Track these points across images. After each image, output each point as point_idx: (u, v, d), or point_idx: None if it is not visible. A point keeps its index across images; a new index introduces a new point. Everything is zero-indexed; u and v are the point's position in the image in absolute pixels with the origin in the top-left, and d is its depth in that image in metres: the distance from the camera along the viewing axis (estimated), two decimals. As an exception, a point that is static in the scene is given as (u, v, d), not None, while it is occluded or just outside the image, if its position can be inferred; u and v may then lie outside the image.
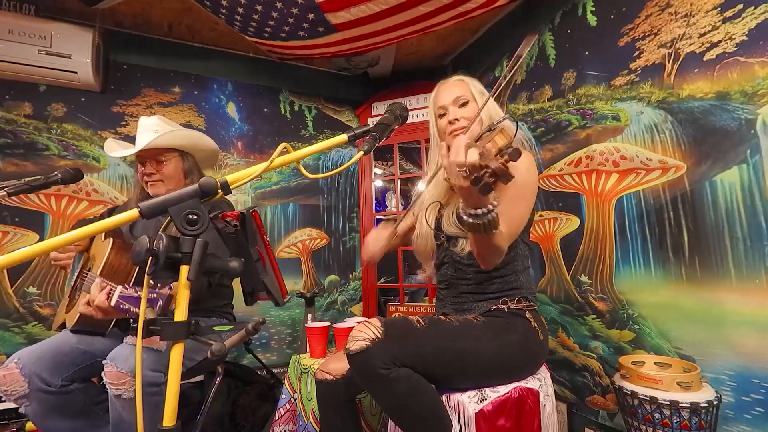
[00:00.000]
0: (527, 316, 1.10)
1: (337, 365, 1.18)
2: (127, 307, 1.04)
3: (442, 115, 1.21)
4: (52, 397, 1.19)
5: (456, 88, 1.21)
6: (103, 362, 1.13)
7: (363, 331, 0.95)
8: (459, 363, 0.98)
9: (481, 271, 1.13)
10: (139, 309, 1.00)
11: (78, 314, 1.24)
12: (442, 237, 1.20)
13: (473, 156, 0.75)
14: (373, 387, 0.95)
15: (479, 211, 0.83)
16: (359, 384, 1.13)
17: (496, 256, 0.98)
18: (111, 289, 1.07)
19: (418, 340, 0.96)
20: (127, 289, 1.04)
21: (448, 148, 0.83)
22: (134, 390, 1.09)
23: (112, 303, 1.04)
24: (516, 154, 0.70)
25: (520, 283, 1.15)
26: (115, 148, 1.50)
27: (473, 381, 1.02)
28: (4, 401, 1.18)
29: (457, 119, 1.17)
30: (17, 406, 1.18)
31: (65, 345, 1.27)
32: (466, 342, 0.99)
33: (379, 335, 0.93)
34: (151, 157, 1.42)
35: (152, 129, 1.44)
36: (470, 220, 0.84)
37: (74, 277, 1.45)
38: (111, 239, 1.30)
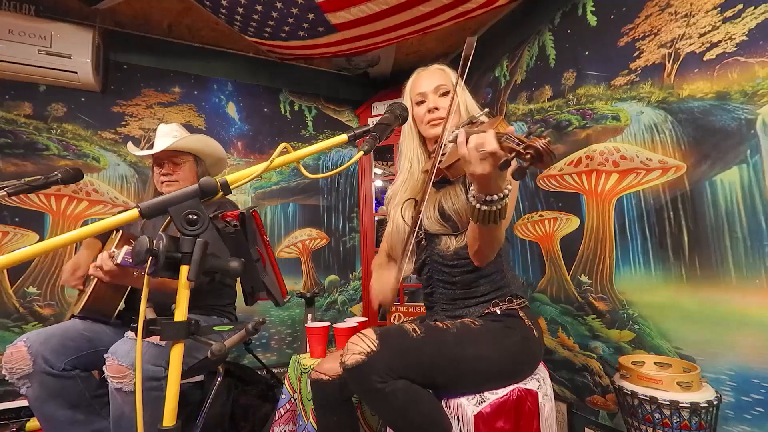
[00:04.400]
0: (521, 314, 1.08)
1: (332, 365, 1.16)
2: (131, 260, 1.07)
3: (420, 103, 1.17)
4: (54, 380, 1.22)
5: (437, 75, 1.17)
6: (105, 356, 1.15)
7: (358, 344, 0.93)
8: (458, 371, 0.97)
9: (466, 272, 1.11)
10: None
11: (84, 301, 1.29)
12: (421, 235, 1.16)
13: (508, 141, 0.73)
14: (370, 400, 0.94)
15: (495, 197, 0.83)
16: (357, 395, 1.12)
17: (496, 248, 0.98)
18: (116, 251, 1.13)
19: (415, 351, 0.94)
20: (132, 246, 1.08)
21: (454, 139, 0.82)
22: (135, 384, 1.10)
23: (118, 261, 1.10)
24: (551, 139, 0.69)
25: (507, 281, 1.13)
26: (137, 149, 1.61)
27: (474, 386, 1.01)
28: (8, 380, 1.21)
29: (437, 108, 1.13)
30: (19, 387, 1.21)
31: (72, 330, 1.31)
32: (465, 350, 0.97)
33: (374, 348, 0.91)
34: (168, 158, 1.52)
35: (171, 134, 1.55)
36: (485, 207, 0.84)
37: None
38: (121, 232, 1.39)
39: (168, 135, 1.54)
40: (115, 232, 1.47)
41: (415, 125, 1.21)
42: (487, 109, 1.04)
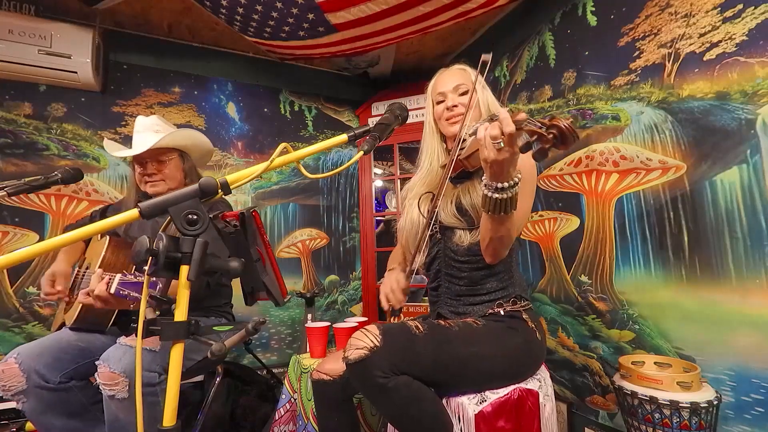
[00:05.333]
0: (524, 317, 1.09)
1: (334, 366, 1.17)
2: (126, 292, 1.03)
3: (440, 102, 1.21)
4: (50, 394, 1.19)
5: (457, 75, 1.21)
6: (96, 363, 1.13)
7: (361, 339, 0.93)
8: (460, 369, 0.97)
9: (475, 269, 1.12)
10: (139, 294, 1.00)
11: (77, 311, 1.24)
12: (435, 228, 1.17)
13: (529, 124, 0.76)
14: (372, 396, 0.94)
15: (506, 183, 0.85)
16: (358, 391, 1.12)
17: (507, 244, 0.99)
18: (110, 278, 1.07)
19: (417, 348, 0.95)
20: (126, 275, 1.04)
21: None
22: (127, 390, 1.09)
23: (112, 290, 1.03)
24: (574, 121, 0.72)
25: (513, 280, 1.14)
26: (116, 148, 1.51)
27: (475, 385, 1.01)
28: (2, 396, 1.19)
29: (455, 105, 1.17)
30: (15, 402, 1.18)
31: (65, 342, 1.27)
32: (467, 348, 0.98)
33: (377, 343, 0.91)
34: (152, 157, 1.41)
35: (152, 129, 1.44)
36: (496, 195, 0.87)
37: (72, 278, 1.45)
38: (107, 237, 1.31)
39: (149, 129, 1.43)
40: (99, 235, 1.39)
41: (435, 124, 1.24)
42: (508, 108, 1.05)
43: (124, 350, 1.14)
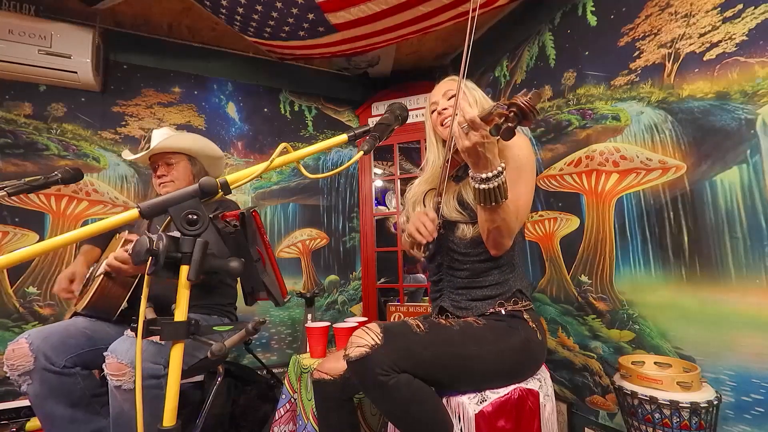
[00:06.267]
0: (525, 316, 1.09)
1: (334, 365, 1.17)
2: None
3: (434, 111, 1.26)
4: (54, 378, 1.22)
5: (446, 85, 1.27)
6: (104, 354, 1.16)
7: (362, 337, 0.94)
8: (460, 368, 0.98)
9: (478, 261, 1.13)
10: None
11: (89, 298, 1.30)
12: (439, 223, 1.18)
13: (497, 108, 0.80)
14: (372, 394, 0.94)
15: (490, 173, 0.88)
16: (359, 389, 1.13)
17: (507, 234, 1.01)
18: (130, 241, 1.12)
19: (418, 346, 0.95)
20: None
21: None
22: (134, 381, 1.10)
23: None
24: (536, 97, 0.76)
25: (515, 274, 1.15)
26: (131, 155, 1.64)
27: (475, 385, 1.01)
28: (8, 377, 1.22)
29: (445, 108, 1.22)
30: (20, 384, 1.21)
31: (73, 328, 1.32)
32: (467, 347, 0.98)
33: (378, 341, 0.92)
34: (161, 160, 1.54)
35: (163, 137, 1.56)
36: (483, 186, 0.90)
37: (90, 271, 1.51)
38: (126, 231, 1.42)
39: (161, 137, 1.55)
40: (117, 236, 1.50)
41: (435, 133, 1.29)
42: (498, 103, 1.05)
43: (132, 341, 1.16)
